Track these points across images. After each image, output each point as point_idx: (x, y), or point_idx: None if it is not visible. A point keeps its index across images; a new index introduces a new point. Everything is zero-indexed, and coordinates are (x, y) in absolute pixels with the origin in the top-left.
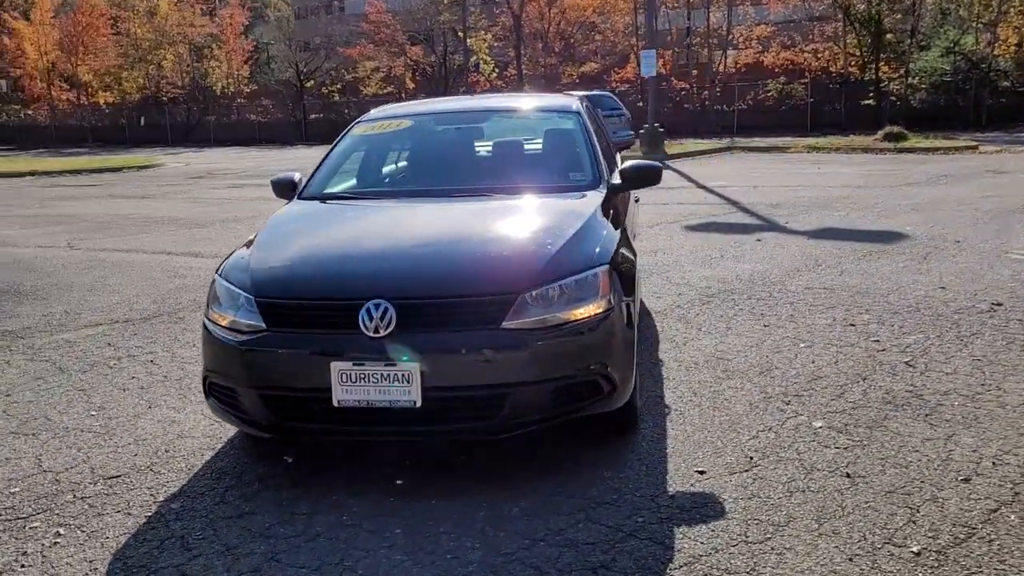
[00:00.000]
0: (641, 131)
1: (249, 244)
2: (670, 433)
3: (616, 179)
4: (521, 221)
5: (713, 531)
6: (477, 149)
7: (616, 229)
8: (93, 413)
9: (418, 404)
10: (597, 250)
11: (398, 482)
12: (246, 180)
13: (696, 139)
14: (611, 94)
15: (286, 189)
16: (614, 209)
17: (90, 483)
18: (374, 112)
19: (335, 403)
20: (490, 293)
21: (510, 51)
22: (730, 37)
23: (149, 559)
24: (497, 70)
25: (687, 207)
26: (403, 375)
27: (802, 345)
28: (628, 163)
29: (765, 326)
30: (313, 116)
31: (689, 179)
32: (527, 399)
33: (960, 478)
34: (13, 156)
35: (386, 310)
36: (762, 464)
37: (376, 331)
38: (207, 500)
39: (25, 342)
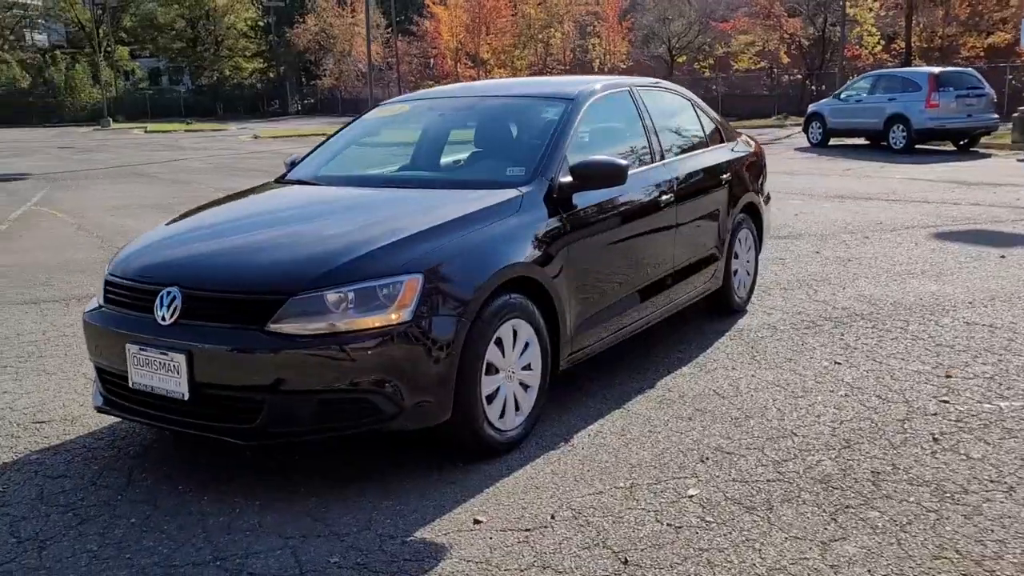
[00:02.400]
0: (1015, 114)
1: None
2: (533, 470)
3: (566, 177)
4: (373, 217)
5: None
6: (451, 138)
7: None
8: None
9: (186, 397)
10: (416, 257)
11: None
12: None
13: None
14: (974, 71)
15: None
16: (557, 206)
17: None
18: (402, 98)
19: (130, 384)
20: (260, 292)
21: (901, 21)
22: None
23: None
24: (882, 43)
25: (978, 209)
26: (174, 365)
27: (839, 394)
28: (580, 160)
29: (836, 363)
30: None
31: None
32: (288, 408)
33: None
34: None
35: (175, 298)
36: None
37: (163, 318)
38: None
39: None
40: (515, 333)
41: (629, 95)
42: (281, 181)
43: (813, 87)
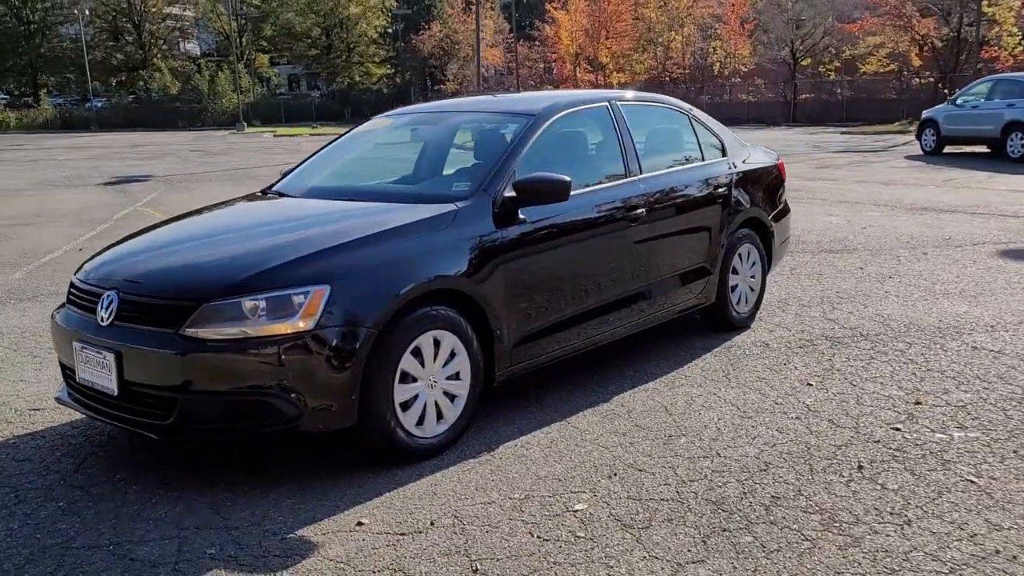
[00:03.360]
0: None
1: None
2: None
3: (510, 192)
4: (307, 230)
5: None
6: (421, 152)
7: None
8: None
9: (115, 393)
10: (327, 269)
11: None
12: None
13: None
14: None
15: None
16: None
17: None
18: (389, 112)
19: (77, 380)
20: (178, 298)
21: None
22: None
23: None
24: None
25: None
26: (107, 363)
27: (790, 417)
28: (525, 176)
29: (808, 385)
30: (803, 96)
31: None
32: (198, 407)
33: None
34: None
35: (112, 301)
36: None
37: (102, 319)
38: None
39: None
40: (437, 343)
41: (607, 110)
42: (265, 192)
43: (946, 90)
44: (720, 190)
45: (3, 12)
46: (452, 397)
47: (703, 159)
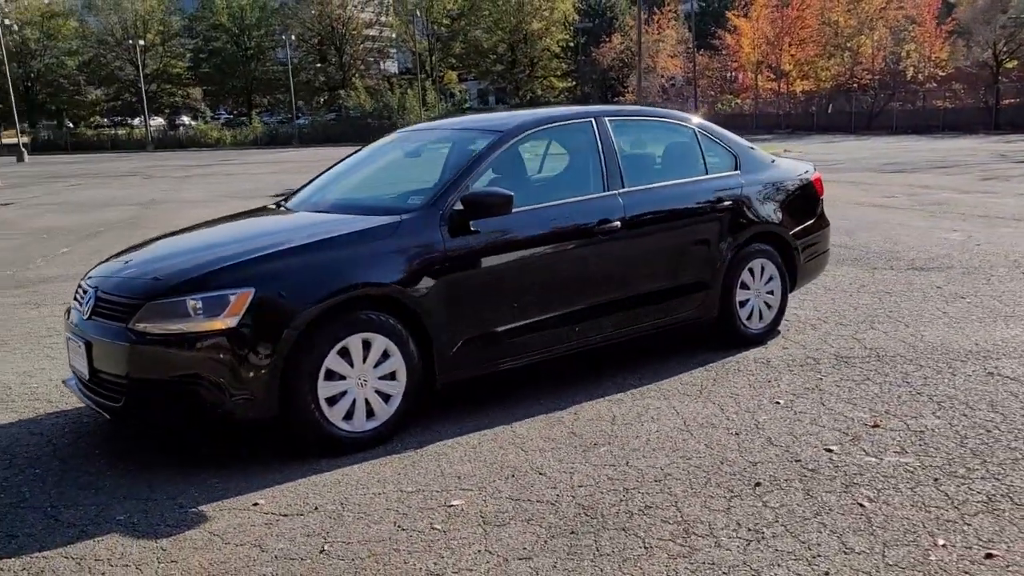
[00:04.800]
0: None
1: None
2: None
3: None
4: (258, 238)
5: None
6: (403, 168)
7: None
8: None
9: (87, 378)
10: (255, 273)
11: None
12: (824, 175)
13: None
14: None
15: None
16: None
17: None
18: (406, 128)
19: (69, 364)
20: (131, 297)
21: None
22: None
23: None
24: None
25: None
26: (82, 351)
27: (729, 433)
28: (472, 190)
29: (776, 403)
30: (1007, 101)
31: None
32: (141, 394)
33: None
34: None
35: (91, 298)
36: None
37: (83, 313)
38: None
39: None
40: (367, 345)
41: (591, 126)
42: (279, 204)
43: None
44: (723, 204)
45: (226, 40)
46: (387, 397)
47: (706, 173)
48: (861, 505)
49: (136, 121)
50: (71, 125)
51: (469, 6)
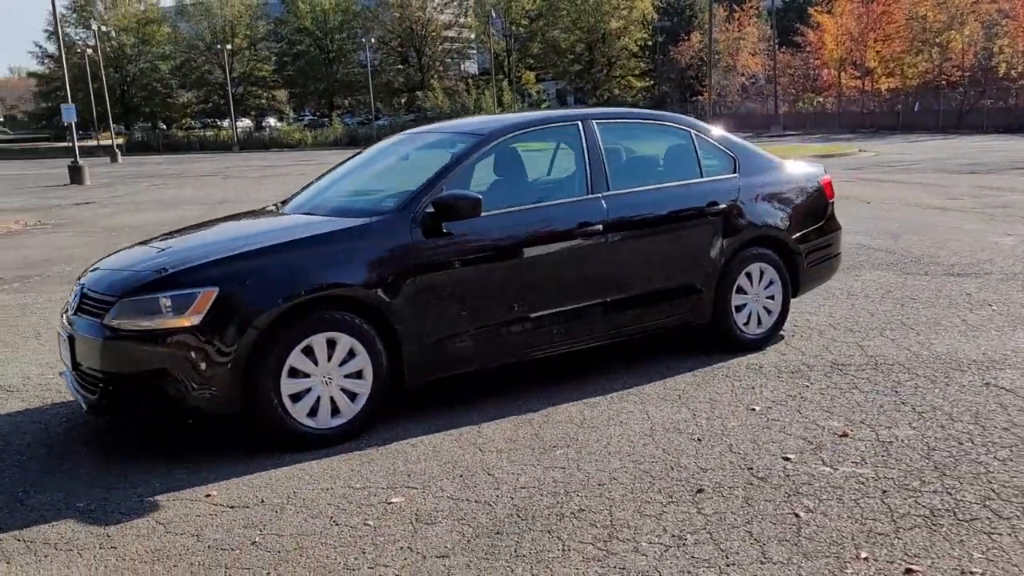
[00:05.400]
0: None
1: None
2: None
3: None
4: (236, 240)
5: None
6: (394, 171)
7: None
8: None
9: (71, 370)
10: (220, 273)
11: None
12: (892, 175)
13: None
14: None
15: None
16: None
17: None
18: (407, 131)
19: (60, 357)
20: (107, 294)
21: None
22: None
23: None
24: None
25: None
26: (67, 345)
27: (692, 440)
28: (442, 193)
29: (752, 410)
30: None
31: None
32: (112, 387)
33: None
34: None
35: (77, 295)
36: None
37: (71, 308)
38: None
39: None
40: (332, 344)
41: (577, 129)
42: (278, 206)
43: None
44: (716, 207)
45: (309, 44)
46: (353, 395)
47: (701, 176)
48: (797, 515)
49: (224, 123)
50: (164, 127)
51: (547, 6)
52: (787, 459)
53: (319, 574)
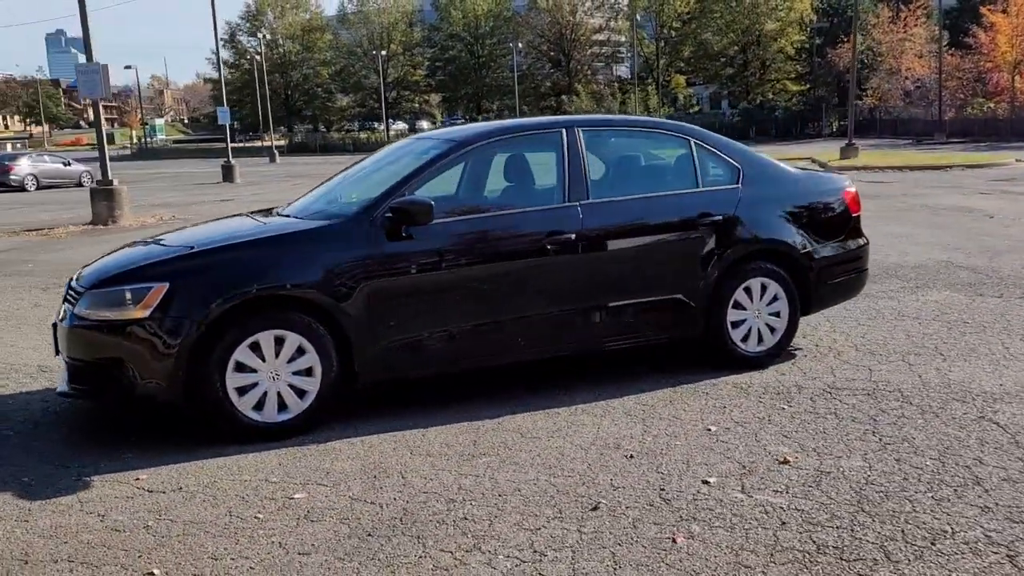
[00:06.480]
0: None
1: None
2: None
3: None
4: (209, 238)
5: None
6: (370, 176)
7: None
8: None
9: (56, 356)
10: (172, 270)
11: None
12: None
13: None
14: None
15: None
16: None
17: None
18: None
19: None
20: (82, 286)
21: None
22: None
23: None
24: None
25: None
26: (53, 332)
27: (621, 458)
28: (397, 199)
29: (708, 430)
30: None
31: None
32: (77, 372)
33: None
34: (942, 151)
35: (67, 287)
36: None
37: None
38: None
39: None
40: (280, 341)
41: (561, 136)
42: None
43: None
44: (710, 218)
45: (460, 49)
46: (301, 392)
47: (697, 186)
48: (674, 540)
49: (380, 125)
50: (324, 129)
51: (700, 8)
52: (707, 483)
53: (184, 559)
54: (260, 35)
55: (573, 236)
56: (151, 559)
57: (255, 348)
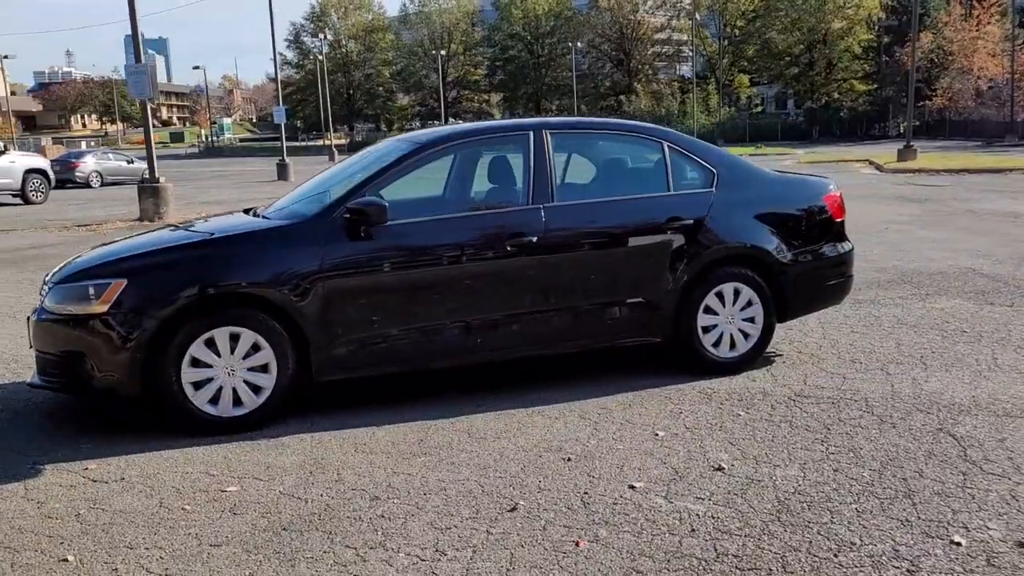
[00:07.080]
0: None
1: None
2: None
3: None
4: (168, 237)
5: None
6: (343, 177)
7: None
8: None
9: (30, 349)
10: (131, 266)
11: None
12: None
13: None
14: None
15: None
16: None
17: None
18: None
19: None
20: (52, 281)
21: None
22: None
23: None
24: None
25: None
26: (27, 327)
27: (559, 463)
28: (354, 200)
29: (656, 435)
30: None
31: None
32: (44, 364)
33: None
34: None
35: (42, 284)
36: None
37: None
38: None
39: None
40: (235, 338)
41: (528, 138)
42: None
43: None
44: (680, 222)
45: (520, 48)
46: (257, 388)
47: (669, 189)
48: (576, 544)
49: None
50: (385, 128)
51: (765, 7)
52: (632, 487)
53: (101, 548)
54: (322, 36)
55: (535, 239)
56: (70, 546)
57: (211, 344)
